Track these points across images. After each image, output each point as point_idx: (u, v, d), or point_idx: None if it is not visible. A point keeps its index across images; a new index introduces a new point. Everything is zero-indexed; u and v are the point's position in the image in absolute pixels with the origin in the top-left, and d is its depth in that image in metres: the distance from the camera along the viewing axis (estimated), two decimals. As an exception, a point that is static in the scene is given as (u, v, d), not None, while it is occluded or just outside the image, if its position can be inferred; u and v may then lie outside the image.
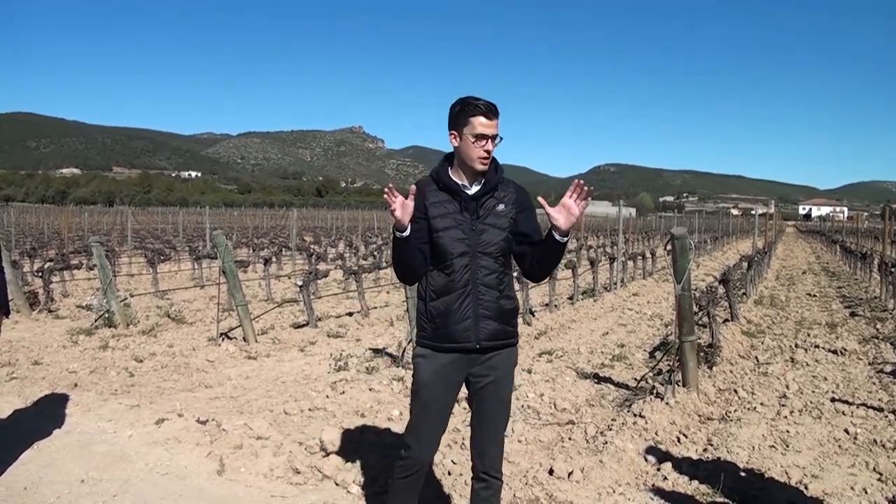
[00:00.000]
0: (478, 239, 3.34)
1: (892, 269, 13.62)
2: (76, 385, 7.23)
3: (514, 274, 12.85)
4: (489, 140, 3.30)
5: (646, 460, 5.27)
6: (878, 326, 11.31)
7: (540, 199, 3.39)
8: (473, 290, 3.35)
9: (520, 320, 10.83)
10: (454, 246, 3.33)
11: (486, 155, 3.31)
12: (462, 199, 3.38)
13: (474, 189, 3.40)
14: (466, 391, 3.57)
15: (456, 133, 3.35)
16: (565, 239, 3.28)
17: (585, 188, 3.24)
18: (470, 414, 3.63)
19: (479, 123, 3.28)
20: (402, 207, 3.22)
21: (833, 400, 6.92)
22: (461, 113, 3.32)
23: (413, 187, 3.30)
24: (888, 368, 8.22)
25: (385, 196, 3.23)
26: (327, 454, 5.07)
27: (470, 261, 3.34)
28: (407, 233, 3.28)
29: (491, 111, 3.29)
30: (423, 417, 3.47)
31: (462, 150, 3.35)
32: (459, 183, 3.40)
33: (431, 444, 3.53)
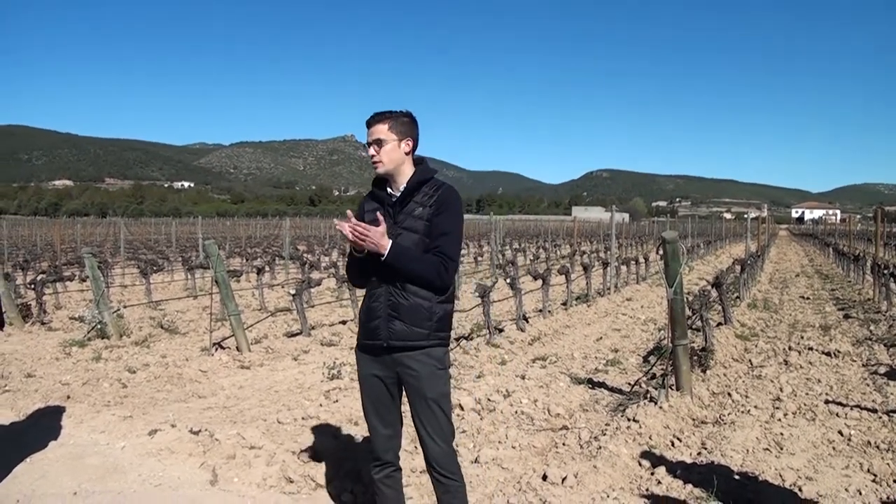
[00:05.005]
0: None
1: (885, 271, 13.65)
2: (69, 397, 7.20)
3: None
4: (370, 146, 3.50)
5: (640, 465, 5.27)
6: (872, 328, 11.33)
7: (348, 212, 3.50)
8: (385, 291, 3.47)
9: (513, 326, 10.91)
10: None
11: (372, 160, 3.53)
12: (386, 206, 3.54)
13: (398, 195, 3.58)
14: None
15: None
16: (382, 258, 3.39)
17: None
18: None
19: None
20: (353, 231, 3.32)
21: (827, 402, 6.93)
22: None
23: (349, 212, 3.47)
24: (882, 370, 8.23)
25: (337, 225, 3.38)
26: (320, 463, 5.06)
27: (383, 263, 3.41)
28: (362, 254, 3.42)
29: (370, 120, 3.54)
30: (367, 412, 3.66)
31: None
32: (388, 191, 3.59)
33: (385, 439, 3.64)
